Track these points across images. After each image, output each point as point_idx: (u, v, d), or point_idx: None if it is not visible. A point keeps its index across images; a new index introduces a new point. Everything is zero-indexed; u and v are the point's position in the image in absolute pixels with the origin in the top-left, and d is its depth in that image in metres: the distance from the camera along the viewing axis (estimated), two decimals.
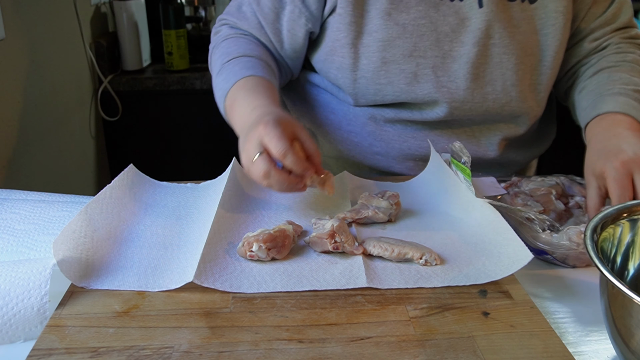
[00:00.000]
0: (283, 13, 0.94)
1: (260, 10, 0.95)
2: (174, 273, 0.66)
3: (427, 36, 0.91)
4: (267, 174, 0.72)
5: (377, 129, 0.99)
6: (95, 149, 1.90)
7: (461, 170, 0.80)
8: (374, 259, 0.70)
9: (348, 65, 0.93)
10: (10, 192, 0.84)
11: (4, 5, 1.34)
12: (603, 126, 0.85)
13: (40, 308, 0.58)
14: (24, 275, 0.60)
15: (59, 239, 0.63)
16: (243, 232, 0.75)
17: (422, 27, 0.91)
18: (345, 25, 0.91)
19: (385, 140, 0.99)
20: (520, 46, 0.94)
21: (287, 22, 0.94)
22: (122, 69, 1.98)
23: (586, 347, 0.59)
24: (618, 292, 0.49)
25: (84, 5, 1.80)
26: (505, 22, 0.92)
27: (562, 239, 0.72)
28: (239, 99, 0.86)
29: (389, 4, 0.90)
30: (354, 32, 0.91)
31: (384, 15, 0.90)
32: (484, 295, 0.64)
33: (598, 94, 0.90)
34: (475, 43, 0.92)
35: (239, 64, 0.91)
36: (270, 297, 0.63)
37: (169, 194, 0.85)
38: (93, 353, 0.54)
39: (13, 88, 1.41)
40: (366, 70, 0.92)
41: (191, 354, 0.54)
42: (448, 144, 0.86)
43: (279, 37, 0.96)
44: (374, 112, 0.97)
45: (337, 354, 0.54)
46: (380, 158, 1.01)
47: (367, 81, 0.93)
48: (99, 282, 0.64)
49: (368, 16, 0.91)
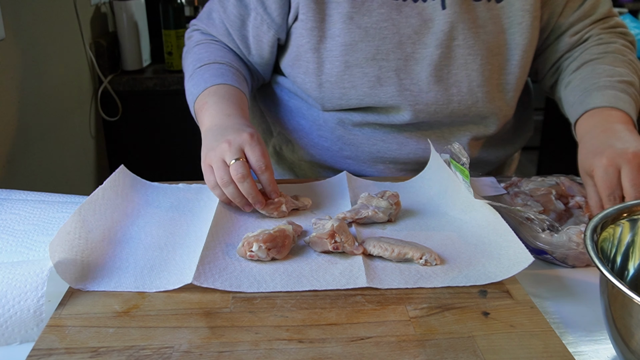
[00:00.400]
0: (248, 20, 0.95)
1: (227, 18, 0.96)
2: (172, 274, 0.66)
3: (389, 39, 0.90)
4: (243, 178, 0.75)
5: (346, 133, 0.99)
6: (95, 149, 1.90)
7: (460, 171, 0.80)
8: (374, 259, 0.70)
9: (313, 70, 0.93)
10: (10, 192, 0.84)
11: (4, 5, 1.34)
12: (592, 123, 0.85)
13: (36, 310, 0.58)
14: (21, 277, 0.60)
15: (55, 240, 0.63)
16: (242, 232, 0.75)
17: (384, 30, 0.90)
18: (308, 30, 0.91)
19: (354, 144, 0.99)
20: (486, 46, 0.93)
21: (252, 29, 0.95)
22: (122, 69, 1.98)
23: (586, 347, 0.59)
24: (618, 292, 0.49)
25: (84, 5, 1.80)
26: (470, 23, 0.92)
27: (562, 238, 0.72)
28: (210, 103, 0.87)
29: (350, 7, 0.89)
30: (316, 37, 0.91)
31: (346, 19, 0.90)
32: (484, 295, 0.64)
33: (584, 89, 0.90)
34: (439, 45, 0.91)
35: (209, 71, 0.92)
36: (270, 297, 0.63)
37: (161, 194, 0.85)
38: (93, 353, 0.54)
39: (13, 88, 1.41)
40: (330, 74, 0.92)
41: (191, 354, 0.54)
42: (446, 145, 0.86)
43: (246, 43, 0.97)
44: (342, 116, 0.97)
45: (337, 354, 0.54)
46: (350, 162, 1.01)
47: (332, 85, 0.93)
48: (95, 283, 0.64)
49: (330, 20, 0.90)
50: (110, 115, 1.92)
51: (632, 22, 2.17)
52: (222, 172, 0.76)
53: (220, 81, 0.90)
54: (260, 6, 0.93)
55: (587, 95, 0.88)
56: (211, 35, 0.99)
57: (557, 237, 0.72)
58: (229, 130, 0.79)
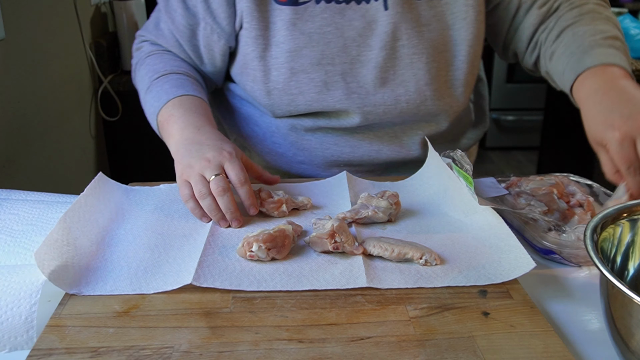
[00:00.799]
0: (198, 30, 0.94)
1: (175, 29, 0.95)
2: (168, 275, 0.66)
3: (333, 43, 0.90)
4: (224, 191, 0.76)
5: (299, 138, 0.99)
6: (95, 149, 1.90)
7: (464, 178, 0.80)
8: (374, 259, 0.70)
9: (260, 78, 0.92)
10: (9, 192, 0.84)
11: (4, 5, 1.34)
12: (591, 86, 0.82)
13: (28, 317, 0.58)
14: (16, 284, 0.60)
15: (42, 249, 0.62)
16: (242, 232, 0.75)
17: (328, 35, 0.90)
18: (252, 39, 0.90)
19: (307, 149, 0.99)
20: (431, 44, 0.93)
21: (203, 38, 0.94)
22: (122, 69, 1.98)
23: (586, 347, 0.59)
24: (618, 292, 0.49)
25: (84, 5, 1.80)
26: (413, 22, 0.91)
27: (571, 238, 0.72)
28: (177, 115, 0.87)
29: (293, 14, 0.89)
30: (261, 45, 0.91)
31: (289, 25, 0.89)
32: (484, 295, 0.64)
33: (571, 54, 0.88)
34: (383, 46, 0.91)
35: (168, 82, 0.91)
36: (270, 297, 0.63)
37: (143, 197, 0.85)
38: (93, 353, 0.54)
39: (13, 88, 1.41)
40: (277, 82, 0.92)
41: (191, 354, 0.54)
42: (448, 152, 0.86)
43: (198, 53, 0.96)
44: (294, 122, 0.97)
45: (337, 354, 0.54)
46: (305, 167, 1.01)
47: (280, 92, 0.93)
48: (90, 288, 0.64)
49: (274, 28, 0.90)
50: (110, 115, 1.92)
51: (632, 22, 2.17)
52: (200, 185, 0.76)
53: (182, 92, 0.90)
54: (209, 16, 0.92)
55: (576, 59, 0.86)
56: (161, 45, 0.98)
57: (565, 236, 0.73)
58: (206, 148, 0.80)
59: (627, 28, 2.13)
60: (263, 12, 0.89)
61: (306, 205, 0.82)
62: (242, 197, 0.78)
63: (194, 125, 0.84)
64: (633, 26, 2.13)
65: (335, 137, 0.98)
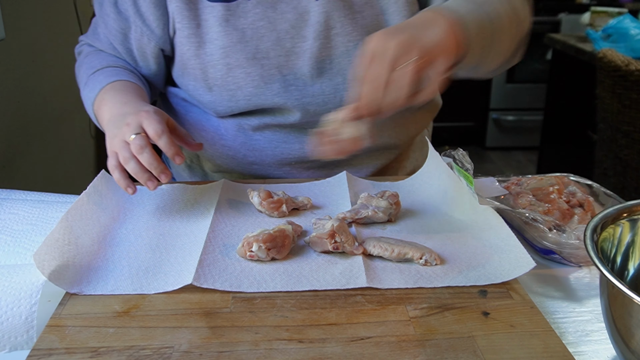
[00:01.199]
0: (130, 33, 0.94)
1: (109, 33, 0.96)
2: (169, 275, 0.66)
3: (267, 37, 0.91)
4: (142, 149, 0.74)
5: (247, 139, 0.98)
6: (95, 149, 1.90)
7: (464, 177, 0.80)
8: (374, 259, 0.70)
9: (200, 76, 0.93)
10: (9, 192, 0.84)
11: (4, 5, 1.34)
12: None
13: (28, 317, 0.58)
14: (17, 284, 0.60)
15: (42, 249, 0.62)
16: (242, 233, 0.75)
17: (261, 29, 0.90)
18: (185, 37, 0.91)
19: (257, 149, 0.99)
20: (365, 31, 0.92)
21: (135, 41, 0.95)
22: None
23: (586, 347, 0.59)
24: (618, 292, 0.49)
25: (84, 5, 1.80)
26: (346, 10, 0.91)
27: (571, 238, 0.72)
28: (107, 98, 0.87)
29: (225, 10, 0.90)
30: (195, 43, 0.91)
31: (222, 22, 0.90)
32: (484, 295, 0.64)
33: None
34: (317, 36, 0.91)
35: (103, 74, 0.92)
36: (270, 297, 0.63)
37: (145, 197, 0.85)
38: (93, 353, 0.54)
39: (13, 88, 1.41)
40: (215, 78, 0.92)
41: (191, 354, 0.54)
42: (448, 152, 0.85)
43: (132, 56, 0.97)
44: (239, 121, 0.97)
45: (337, 354, 0.54)
46: (257, 167, 1.01)
47: (220, 88, 0.93)
48: (91, 287, 0.64)
49: (206, 25, 0.90)
50: None
51: (632, 22, 2.17)
52: (124, 150, 0.76)
53: (115, 79, 0.90)
54: (138, 19, 0.92)
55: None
56: (99, 49, 1.00)
57: (565, 236, 0.73)
58: (127, 115, 0.79)
59: (627, 28, 2.12)
60: (193, 10, 0.90)
61: (306, 205, 0.83)
62: (162, 148, 0.76)
63: (121, 102, 0.84)
64: (633, 26, 2.13)
65: (283, 134, 0.98)
